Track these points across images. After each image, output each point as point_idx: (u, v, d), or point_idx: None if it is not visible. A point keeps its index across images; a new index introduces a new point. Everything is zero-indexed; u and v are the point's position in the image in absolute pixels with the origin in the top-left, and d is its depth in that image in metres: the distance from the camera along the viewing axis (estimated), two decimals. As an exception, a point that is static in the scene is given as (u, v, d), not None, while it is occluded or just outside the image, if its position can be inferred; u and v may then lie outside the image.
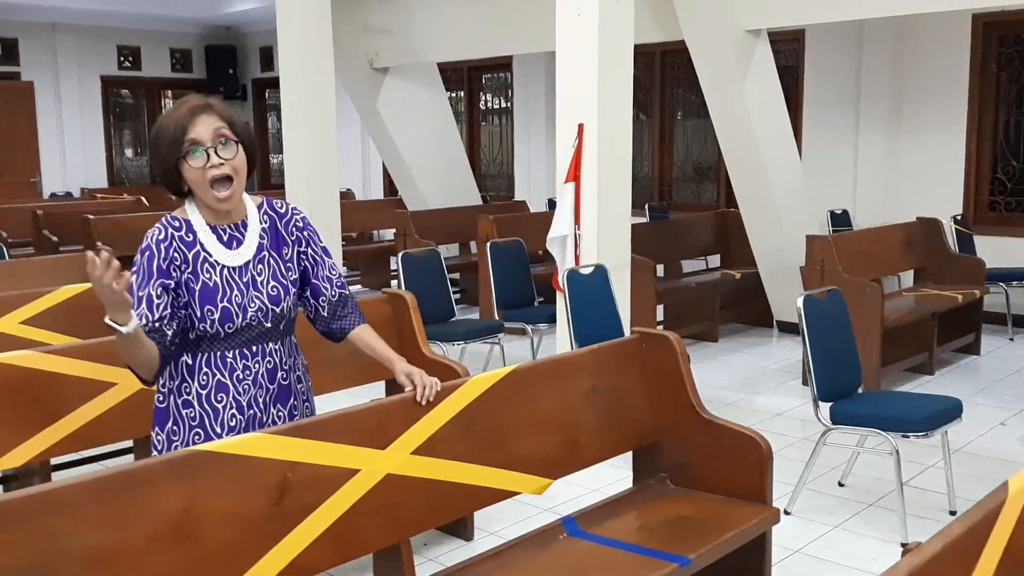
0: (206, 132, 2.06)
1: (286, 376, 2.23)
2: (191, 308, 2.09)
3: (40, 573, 1.69)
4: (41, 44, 11.84)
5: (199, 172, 2.06)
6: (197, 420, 2.13)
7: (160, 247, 2.08)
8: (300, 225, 2.28)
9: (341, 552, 2.14)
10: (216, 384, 2.14)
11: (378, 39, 8.18)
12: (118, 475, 1.85)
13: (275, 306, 2.17)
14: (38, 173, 11.94)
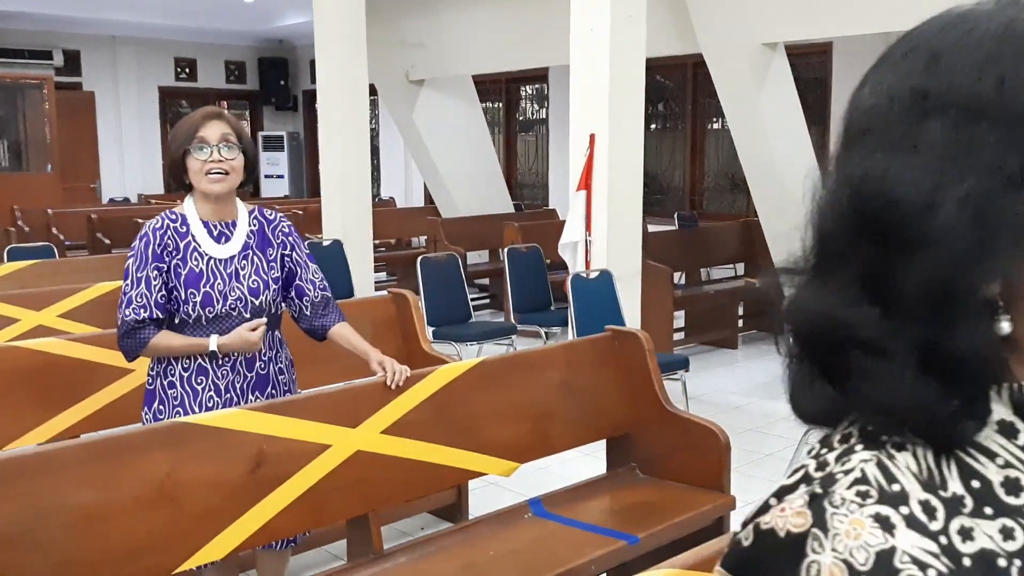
0: (214, 134, 2.37)
1: (265, 366, 2.48)
2: (176, 291, 2.36)
3: (32, 528, 1.93)
4: (102, 56, 12.41)
5: (200, 164, 2.36)
6: (179, 400, 2.39)
7: (156, 234, 2.37)
8: (286, 231, 2.56)
9: (311, 519, 2.37)
10: (197, 368, 2.39)
11: (414, 53, 8.47)
12: (107, 441, 2.11)
13: (254, 298, 2.42)
14: (98, 179, 12.50)
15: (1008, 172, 0.54)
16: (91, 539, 1.99)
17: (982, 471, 0.57)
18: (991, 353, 0.56)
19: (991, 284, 0.56)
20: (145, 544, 2.07)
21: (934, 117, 0.56)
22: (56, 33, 11.91)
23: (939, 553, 0.53)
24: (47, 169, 11.55)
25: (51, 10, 10.90)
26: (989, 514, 0.55)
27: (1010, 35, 0.57)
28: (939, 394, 0.56)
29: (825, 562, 0.53)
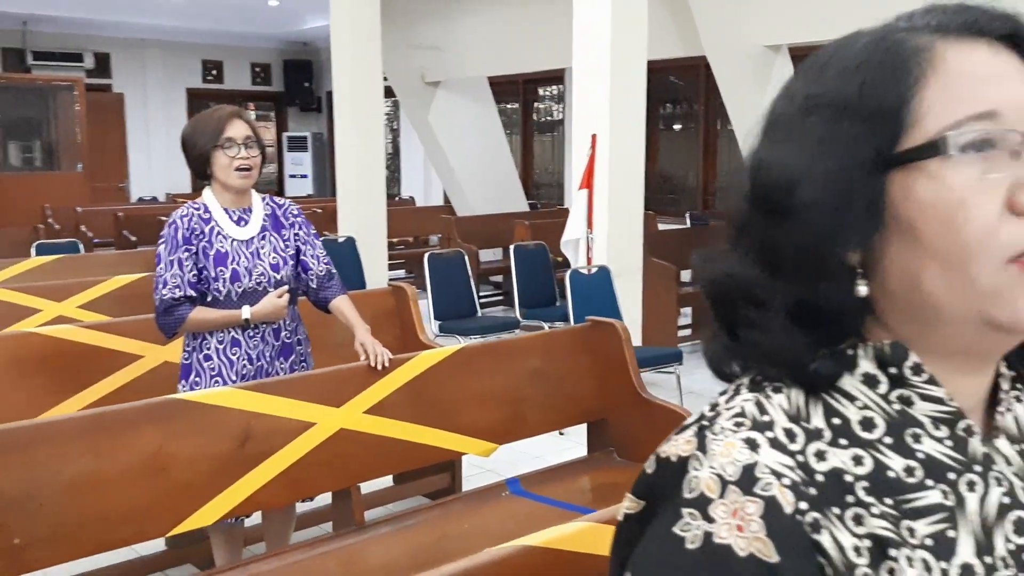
0: (239, 134, 2.63)
1: (289, 336, 2.74)
2: (206, 271, 2.60)
3: (30, 494, 2.12)
4: (131, 58, 12.74)
5: (229, 160, 2.62)
6: (216, 371, 2.64)
7: (183, 221, 2.62)
8: (295, 213, 2.83)
9: (295, 492, 2.54)
10: (231, 340, 2.64)
11: (429, 55, 8.65)
12: (102, 414, 2.30)
13: (275, 273, 2.67)
14: (126, 179, 12.83)
15: (862, 160, 0.66)
16: (87, 504, 2.18)
17: (843, 411, 0.68)
18: (850, 311, 0.68)
19: (852, 253, 0.67)
20: (137, 510, 2.25)
21: (813, 114, 0.68)
22: (87, 36, 12.24)
23: (794, 467, 0.64)
24: (77, 168, 11.88)
25: (82, 14, 11.22)
26: (844, 444, 0.67)
27: (877, 47, 0.69)
28: (805, 343, 0.68)
29: (703, 476, 0.63)
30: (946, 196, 0.65)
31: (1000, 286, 0.65)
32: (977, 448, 0.69)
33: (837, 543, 0.63)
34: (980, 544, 0.66)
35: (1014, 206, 0.64)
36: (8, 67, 11.92)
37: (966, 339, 0.68)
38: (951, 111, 0.65)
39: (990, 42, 0.68)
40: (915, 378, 0.69)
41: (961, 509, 0.67)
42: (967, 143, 0.64)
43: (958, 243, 0.65)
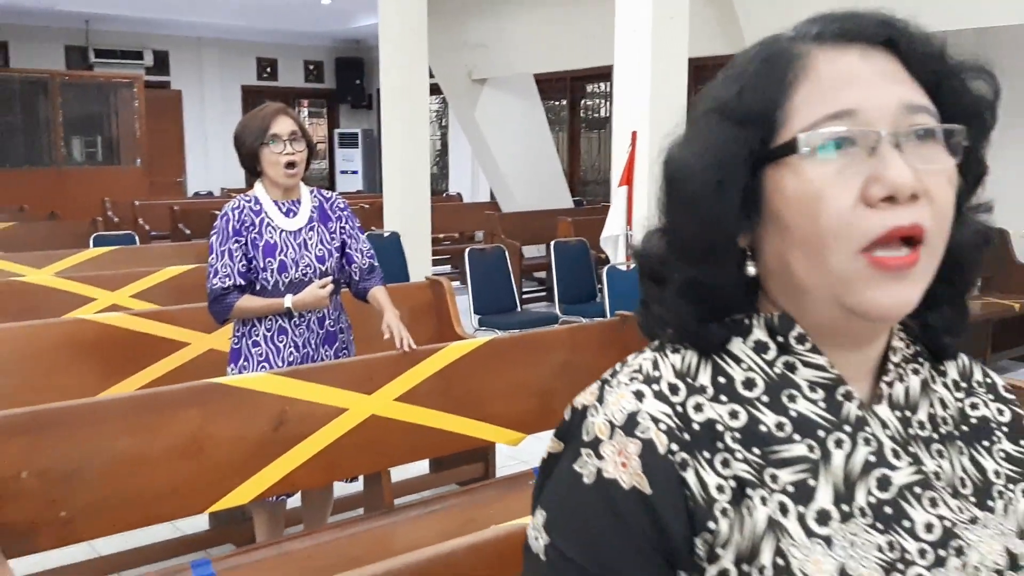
0: (285, 131, 2.74)
1: (333, 324, 2.86)
2: (255, 261, 2.72)
3: (77, 468, 2.25)
4: (189, 56, 13.06)
5: (277, 156, 2.73)
6: (263, 356, 2.77)
7: (234, 213, 2.75)
8: (341, 206, 2.94)
9: (327, 474, 2.65)
10: (278, 328, 2.77)
11: (476, 53, 8.75)
12: (150, 396, 2.42)
13: (321, 264, 2.79)
14: (183, 173, 13.16)
15: (739, 157, 0.74)
16: (131, 480, 2.31)
17: (729, 371, 0.78)
18: (742, 287, 0.78)
19: (742, 237, 0.76)
20: (178, 487, 2.38)
21: (706, 116, 0.77)
22: (147, 35, 12.58)
23: (671, 415, 0.74)
24: (136, 163, 12.23)
25: (143, 13, 11.55)
26: (724, 400, 0.76)
27: (761, 55, 0.77)
28: (694, 314, 0.78)
29: (597, 421, 0.74)
30: (806, 189, 0.72)
31: (851, 275, 0.71)
32: (851, 411, 0.77)
33: (701, 480, 0.73)
34: (839, 494, 0.74)
35: (867, 198, 0.70)
36: (71, 65, 12.31)
37: (833, 318, 0.75)
38: (813, 112, 0.73)
39: (864, 47, 0.74)
40: (799, 346, 0.78)
41: (827, 462, 0.75)
42: (825, 140, 0.71)
43: (816, 232, 0.71)
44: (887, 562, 0.74)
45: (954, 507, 0.78)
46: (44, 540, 2.21)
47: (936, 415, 0.82)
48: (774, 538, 0.72)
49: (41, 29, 11.76)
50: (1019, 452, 0.84)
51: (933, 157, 0.72)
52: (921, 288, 0.72)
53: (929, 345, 0.84)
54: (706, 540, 0.73)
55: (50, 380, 3.13)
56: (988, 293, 6.32)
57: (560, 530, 0.76)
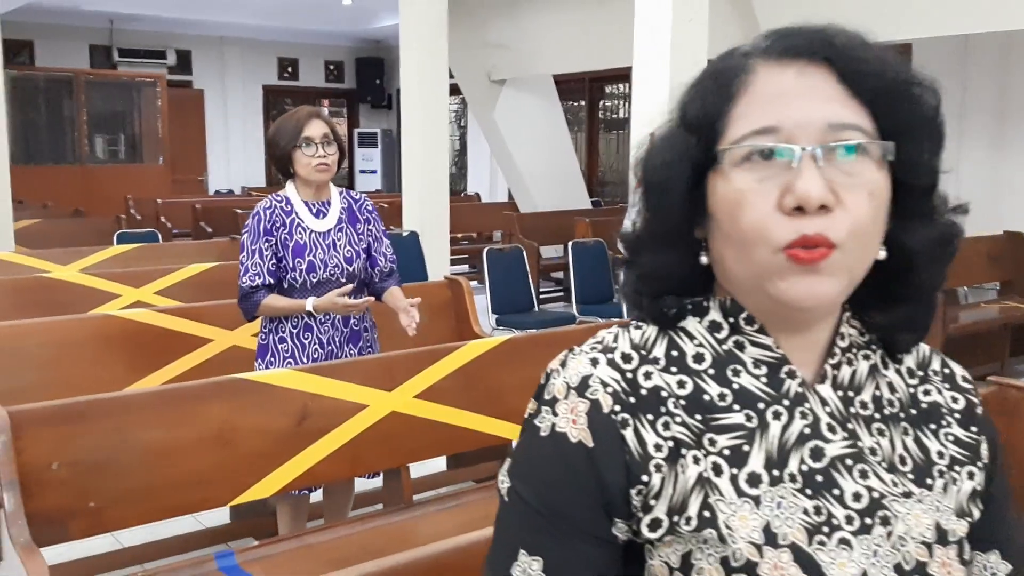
0: (317, 133, 2.82)
1: (357, 323, 2.93)
2: (285, 260, 2.80)
3: (110, 456, 2.32)
4: (211, 56, 13.19)
5: (309, 159, 2.80)
6: (289, 353, 2.84)
7: (265, 213, 2.82)
8: (369, 208, 3.02)
9: (349, 468, 2.70)
10: (304, 325, 2.84)
11: (495, 53, 8.80)
12: (177, 390, 2.49)
13: (349, 265, 2.86)
14: (205, 172, 13.29)
15: (686, 161, 0.83)
16: (160, 470, 2.37)
17: (682, 346, 0.87)
18: (698, 273, 0.86)
19: (699, 230, 0.85)
20: (205, 478, 2.44)
21: (671, 122, 0.86)
22: (170, 34, 12.71)
23: (620, 380, 0.84)
24: (159, 161, 12.37)
25: (166, 13, 11.67)
26: (673, 371, 0.86)
27: (714, 69, 0.86)
28: (652, 292, 0.88)
29: (557, 383, 0.85)
30: (732, 195, 0.80)
31: (771, 268, 0.79)
32: (792, 387, 0.85)
33: (639, 438, 0.82)
34: (772, 460, 0.83)
35: (781, 207, 0.78)
36: (96, 64, 12.46)
37: (766, 306, 0.84)
38: (744, 125, 0.80)
39: (804, 65, 0.81)
40: (748, 327, 0.86)
41: (763, 431, 0.84)
42: (746, 153, 0.79)
43: (740, 232, 0.80)
44: (812, 524, 0.81)
45: (887, 481, 0.85)
46: (74, 529, 2.27)
47: (882, 397, 0.89)
48: (703, 493, 0.81)
49: (66, 28, 11.91)
50: (969, 437, 0.91)
51: (857, 171, 0.79)
52: (837, 282, 0.79)
53: (885, 340, 0.91)
54: (640, 491, 0.82)
55: (77, 374, 3.20)
56: (1007, 297, 6.32)
57: (520, 475, 0.87)
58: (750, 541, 0.80)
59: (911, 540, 0.83)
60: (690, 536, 0.81)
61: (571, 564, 0.83)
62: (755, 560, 0.79)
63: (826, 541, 0.81)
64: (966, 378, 0.95)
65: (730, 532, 0.80)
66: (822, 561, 0.80)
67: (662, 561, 0.83)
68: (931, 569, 0.83)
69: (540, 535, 0.84)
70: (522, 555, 0.84)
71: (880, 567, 0.81)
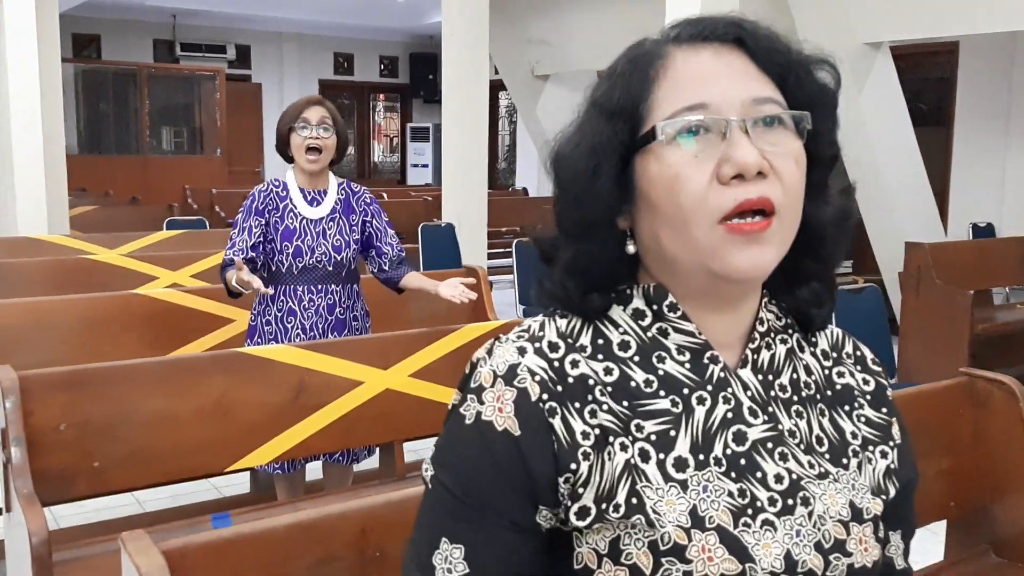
0: (314, 117, 2.92)
1: (343, 312, 3.03)
2: (274, 243, 2.91)
3: (112, 423, 2.46)
4: (269, 51, 13.52)
5: (301, 140, 2.91)
6: (273, 335, 2.97)
7: (260, 195, 2.95)
8: (367, 201, 3.09)
9: (342, 441, 2.84)
10: (288, 310, 2.96)
11: (538, 49, 8.89)
12: (178, 361, 2.65)
13: (336, 254, 2.95)
14: (261, 164, 13.62)
15: (609, 147, 0.85)
16: (161, 436, 2.53)
17: (608, 335, 0.88)
18: (623, 263, 0.89)
19: (622, 219, 0.87)
20: (204, 445, 2.59)
21: (587, 112, 0.89)
22: (230, 29, 13.06)
23: (547, 368, 0.84)
24: (217, 153, 12.73)
25: (227, 8, 12.01)
26: (600, 359, 0.87)
27: (629, 57, 0.89)
28: (577, 287, 0.88)
29: (484, 372, 0.85)
30: (667, 172, 0.83)
31: (713, 242, 0.82)
32: (715, 373, 0.87)
33: (567, 427, 0.83)
34: (696, 444, 0.85)
35: (719, 177, 0.81)
36: (158, 58, 12.87)
37: (701, 285, 0.86)
38: (671, 105, 0.84)
39: (718, 47, 0.85)
40: (671, 315, 0.88)
41: (688, 416, 0.86)
42: (681, 129, 0.82)
43: (678, 209, 0.82)
44: (737, 507, 0.83)
45: (804, 462, 0.87)
46: (79, 487, 2.44)
47: (799, 380, 0.91)
48: (630, 480, 0.83)
49: (131, 23, 12.32)
50: (879, 418, 0.94)
51: (780, 141, 0.83)
52: (775, 251, 0.82)
53: (799, 318, 0.93)
54: (568, 480, 0.83)
55: (103, 347, 3.39)
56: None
57: (442, 464, 0.87)
58: (678, 525, 0.81)
59: (829, 519, 0.86)
60: (618, 522, 0.82)
61: (493, 552, 0.84)
62: (683, 543, 0.81)
63: (751, 523, 0.83)
64: (875, 361, 0.98)
65: (658, 517, 0.81)
66: (748, 543, 0.82)
67: (590, 548, 0.83)
68: (849, 546, 0.86)
69: (462, 523, 0.84)
70: (444, 543, 0.85)
71: (803, 546, 0.84)
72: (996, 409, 2.31)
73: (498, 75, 9.44)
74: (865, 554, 0.87)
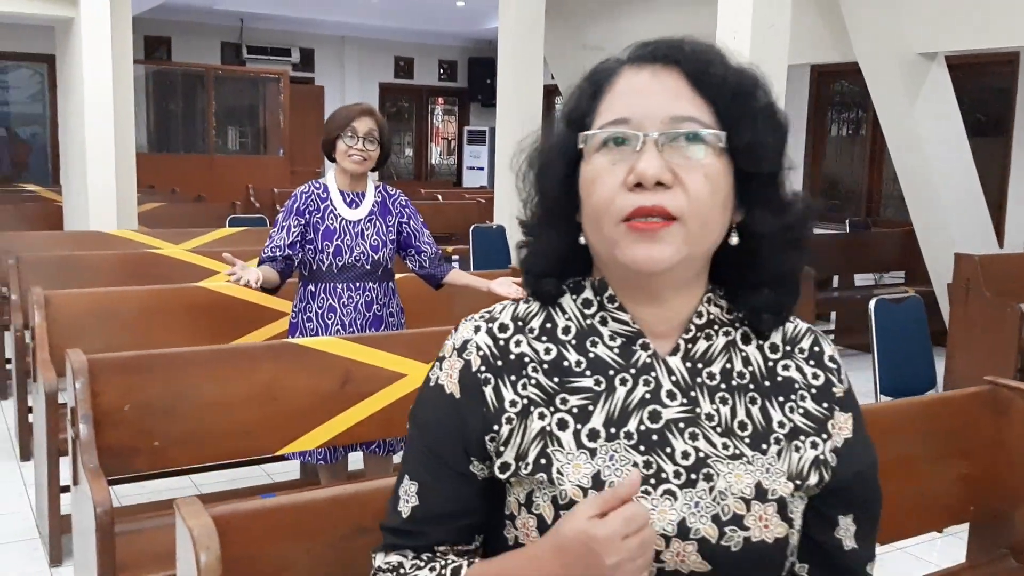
0: (363, 128, 3.07)
1: (380, 308, 3.17)
2: (314, 243, 3.06)
3: (171, 406, 2.63)
4: (332, 54, 13.82)
5: (347, 148, 3.06)
6: (314, 332, 3.11)
7: (301, 196, 3.11)
8: (403, 204, 3.24)
9: (384, 431, 2.98)
10: (328, 307, 3.10)
11: (592, 55, 8.91)
12: (232, 349, 2.81)
13: (374, 253, 3.10)
14: (322, 164, 13.91)
15: (566, 149, 1.00)
16: (215, 419, 2.69)
17: (557, 320, 1.03)
18: (577, 254, 1.02)
19: (577, 214, 1.00)
20: (254, 429, 2.75)
21: (556, 119, 1.05)
22: (295, 33, 13.39)
23: (492, 346, 1.01)
24: (280, 153, 13.06)
25: (292, 12, 12.33)
26: (543, 340, 1.02)
27: (590, 72, 1.04)
28: (537, 271, 1.04)
29: (448, 344, 1.04)
30: (590, 175, 0.97)
31: (616, 237, 0.95)
32: (642, 358, 1.00)
33: (498, 395, 0.99)
34: (611, 419, 0.98)
35: (626, 183, 0.93)
36: (226, 60, 13.24)
37: (621, 276, 0.99)
38: (603, 118, 0.97)
39: (658, 68, 0.97)
40: (610, 305, 1.02)
41: (610, 395, 0.99)
42: (605, 138, 0.95)
43: (593, 207, 0.96)
44: (641, 476, 0.95)
45: (718, 444, 0.98)
46: (140, 463, 2.62)
47: (732, 370, 1.01)
48: (542, 444, 0.98)
49: (200, 26, 12.71)
50: (819, 412, 1.02)
51: (695, 156, 0.94)
52: (674, 250, 0.93)
53: (751, 320, 1.03)
54: (492, 439, 1.00)
55: (164, 335, 3.59)
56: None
57: (413, 416, 1.09)
58: (577, 485, 0.95)
59: (731, 496, 0.95)
60: (527, 478, 0.97)
61: (440, 491, 1.02)
62: (578, 500, 0.93)
63: (651, 491, 0.95)
64: (834, 358, 1.06)
65: (560, 477, 0.95)
66: (644, 507, 0.91)
67: (514, 498, 0.99)
68: (747, 521, 0.95)
69: (419, 465, 1.04)
70: (406, 478, 1.04)
71: (699, 516, 0.94)
72: (1017, 417, 2.35)
73: (553, 80, 9.54)
74: (765, 530, 0.95)
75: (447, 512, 1.02)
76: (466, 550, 1.04)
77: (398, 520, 1.04)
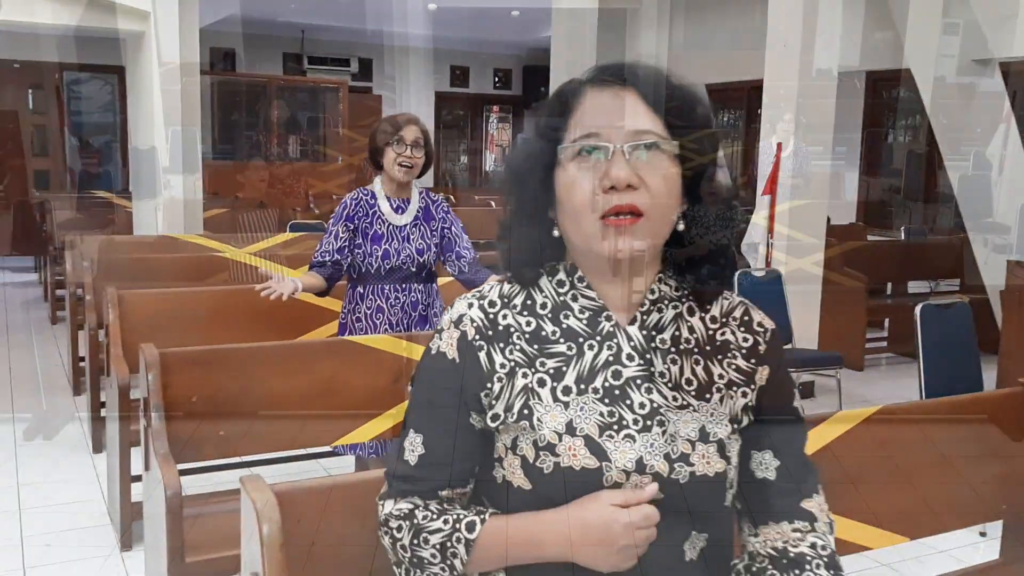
0: (410, 136, 3.23)
1: (425, 309, 3.33)
2: (363, 247, 3.22)
3: (235, 397, 2.80)
4: (389, 64, 14.08)
5: (395, 155, 3.21)
6: (363, 331, 3.28)
7: (350, 202, 3.27)
8: (445, 209, 3.40)
9: (435, 425, 3.11)
10: (376, 307, 3.26)
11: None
12: (293, 345, 2.98)
13: (420, 256, 3.26)
14: (379, 172, 14.20)
15: (540, 157, 1.19)
16: (276, 410, 2.86)
17: (535, 297, 1.23)
18: (553, 244, 1.21)
19: (551, 210, 1.20)
20: (313, 421, 2.91)
21: (531, 132, 1.23)
22: (354, 43, 13.68)
23: (483, 318, 1.21)
24: (338, 161, 13.34)
25: (353, 24, 12.61)
26: (525, 314, 1.22)
27: (559, 90, 1.22)
28: (515, 259, 1.23)
29: (445, 318, 1.24)
30: (568, 179, 1.16)
31: (595, 232, 1.14)
32: (606, 327, 1.20)
33: (490, 359, 1.19)
34: (581, 378, 1.18)
35: (600, 187, 1.13)
36: (287, 70, 13.58)
37: (592, 261, 1.19)
38: (574, 132, 1.16)
39: (617, 88, 1.16)
40: (580, 284, 1.22)
41: (579, 358, 1.19)
42: (579, 149, 1.15)
43: (573, 207, 1.15)
44: (604, 423, 1.15)
45: (669, 396, 1.18)
46: (207, 451, 2.79)
47: (680, 336, 1.22)
48: (525, 397, 1.18)
49: (263, 38, 13.07)
50: (748, 367, 1.23)
51: (654, 162, 1.14)
52: (643, 242, 1.13)
53: (695, 294, 1.23)
54: (487, 394, 1.19)
55: (229, 332, 3.77)
56: None
57: (415, 379, 1.27)
58: (554, 430, 1.15)
59: (680, 438, 1.17)
60: (513, 425, 1.17)
61: (442, 440, 1.21)
62: (554, 443, 1.15)
63: (614, 435, 1.16)
64: (761, 324, 1.27)
65: (539, 424, 1.16)
66: (607, 448, 1.14)
67: (502, 443, 1.19)
68: (692, 459, 1.16)
69: (423, 420, 1.22)
70: (411, 432, 1.23)
71: (653, 455, 1.15)
72: (1050, 417, 2.40)
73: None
74: (708, 466, 1.16)
75: (449, 458, 1.20)
76: (463, 492, 1.23)
77: (406, 468, 1.22)
